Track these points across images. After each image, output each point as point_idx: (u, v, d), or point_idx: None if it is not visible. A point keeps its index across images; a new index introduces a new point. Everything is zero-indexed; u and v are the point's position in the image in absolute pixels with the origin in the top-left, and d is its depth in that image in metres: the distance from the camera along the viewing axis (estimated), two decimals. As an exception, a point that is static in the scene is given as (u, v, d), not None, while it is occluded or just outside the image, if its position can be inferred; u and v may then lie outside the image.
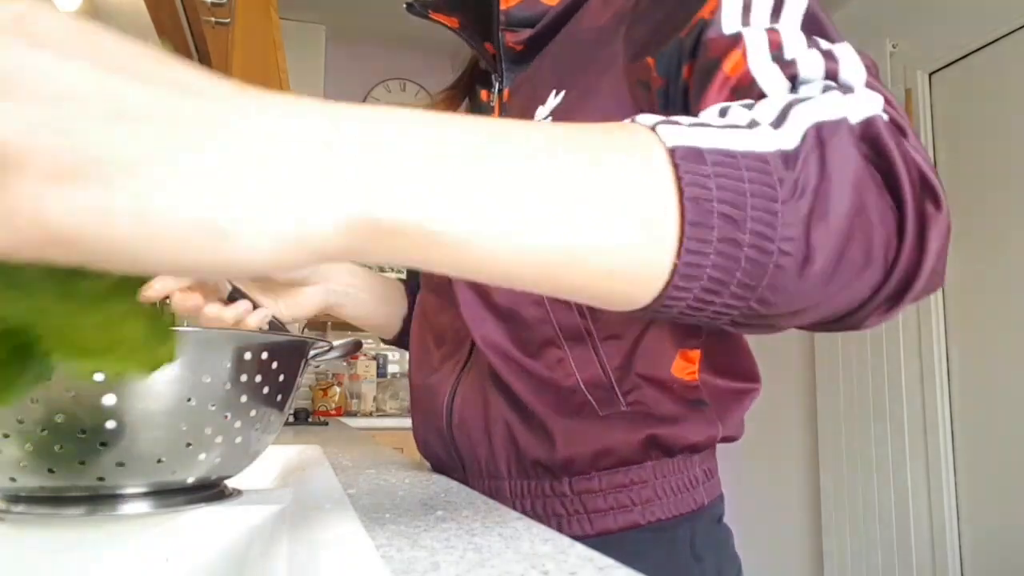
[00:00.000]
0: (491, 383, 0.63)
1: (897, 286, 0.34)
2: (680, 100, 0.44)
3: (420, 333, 0.75)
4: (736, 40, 0.39)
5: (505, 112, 0.70)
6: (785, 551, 2.95)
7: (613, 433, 0.58)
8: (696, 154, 0.28)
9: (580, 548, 0.35)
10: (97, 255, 0.21)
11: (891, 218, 0.32)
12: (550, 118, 0.60)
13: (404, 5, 0.75)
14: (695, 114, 0.36)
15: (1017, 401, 2.12)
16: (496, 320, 0.62)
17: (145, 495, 0.46)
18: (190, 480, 0.48)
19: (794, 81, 0.37)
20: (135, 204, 0.21)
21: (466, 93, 0.81)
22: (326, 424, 2.29)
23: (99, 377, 0.41)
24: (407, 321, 0.85)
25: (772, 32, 0.39)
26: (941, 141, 2.44)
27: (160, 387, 0.43)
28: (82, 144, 0.20)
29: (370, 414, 3.01)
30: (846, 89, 0.35)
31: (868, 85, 0.36)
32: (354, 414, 2.99)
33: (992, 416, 2.20)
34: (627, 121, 0.31)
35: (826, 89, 0.35)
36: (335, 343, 0.69)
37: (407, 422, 0.93)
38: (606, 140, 0.29)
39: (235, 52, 1.75)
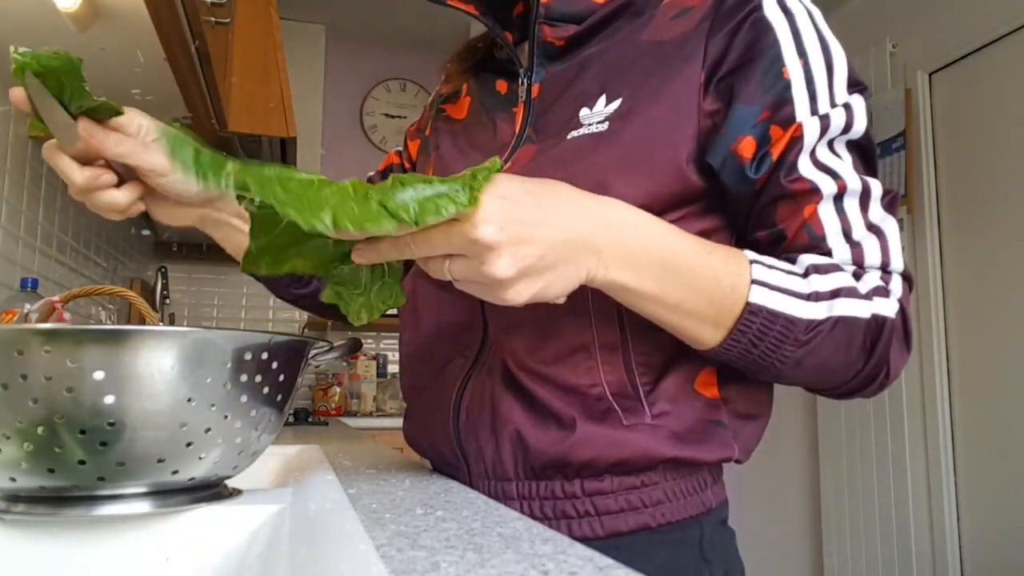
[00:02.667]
0: (503, 384, 0.62)
1: (844, 394, 0.60)
2: (726, 159, 0.59)
3: (417, 326, 0.72)
4: (815, 192, 0.56)
5: (534, 109, 0.68)
6: (785, 552, 2.95)
7: (637, 445, 0.58)
8: (756, 310, 0.52)
9: (580, 548, 0.35)
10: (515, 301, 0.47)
11: (857, 367, 0.56)
12: (607, 123, 0.60)
13: None
14: (756, 204, 0.59)
15: (1017, 400, 2.12)
16: (524, 323, 0.61)
17: (145, 495, 0.46)
18: (190, 480, 0.48)
19: (860, 265, 0.56)
20: (550, 291, 0.48)
21: (473, 75, 0.79)
22: (326, 424, 2.29)
23: (99, 376, 0.41)
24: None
25: (840, 183, 0.56)
26: (941, 141, 2.44)
27: (160, 387, 0.43)
28: (537, 271, 0.47)
29: (370, 414, 3.00)
30: (886, 287, 0.55)
31: (903, 275, 0.57)
32: (354, 414, 2.99)
33: (992, 416, 2.20)
34: (747, 261, 0.54)
35: (876, 289, 0.55)
36: (335, 343, 0.68)
37: (407, 422, 0.92)
38: (728, 269, 0.53)
39: (235, 52, 1.75)
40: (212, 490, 0.51)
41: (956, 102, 2.39)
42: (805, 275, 0.54)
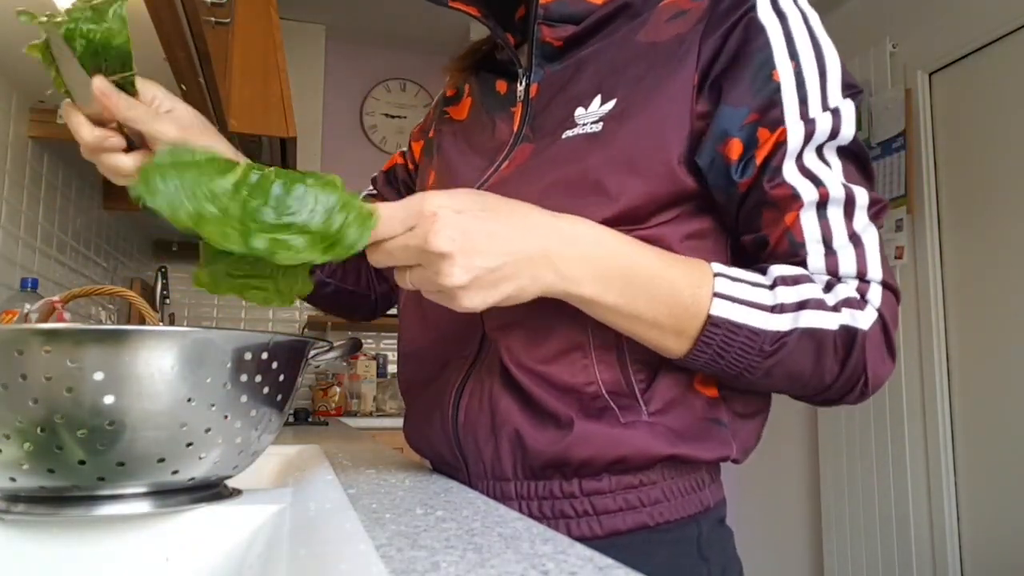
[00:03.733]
0: (501, 383, 0.62)
1: (824, 402, 0.60)
2: (717, 162, 0.59)
3: (416, 325, 0.72)
4: (796, 199, 0.56)
5: (532, 109, 0.68)
6: (785, 551, 2.95)
7: (634, 443, 0.58)
8: (719, 322, 0.53)
9: (580, 548, 0.35)
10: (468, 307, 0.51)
11: (831, 377, 0.56)
12: (601, 124, 0.61)
13: None
14: (740, 202, 0.59)
15: (1017, 400, 2.12)
16: (519, 323, 0.61)
17: (145, 495, 0.46)
18: (190, 480, 0.48)
19: (835, 274, 0.56)
20: (509, 302, 0.52)
21: (473, 73, 0.79)
22: (326, 424, 2.29)
23: (99, 376, 0.41)
24: None
25: (822, 190, 0.56)
26: (941, 141, 2.44)
27: (160, 387, 0.43)
28: (491, 282, 0.50)
29: (370, 414, 3.00)
30: (860, 298, 0.55)
31: (883, 283, 0.56)
32: (354, 414, 2.99)
33: (992, 416, 2.20)
34: (710, 274, 0.55)
35: (847, 301, 0.54)
36: (335, 343, 0.68)
37: (407, 422, 0.92)
38: (688, 281, 0.54)
39: (235, 52, 1.75)
40: (212, 490, 0.51)
41: (956, 102, 2.39)
42: (772, 287, 0.55)
